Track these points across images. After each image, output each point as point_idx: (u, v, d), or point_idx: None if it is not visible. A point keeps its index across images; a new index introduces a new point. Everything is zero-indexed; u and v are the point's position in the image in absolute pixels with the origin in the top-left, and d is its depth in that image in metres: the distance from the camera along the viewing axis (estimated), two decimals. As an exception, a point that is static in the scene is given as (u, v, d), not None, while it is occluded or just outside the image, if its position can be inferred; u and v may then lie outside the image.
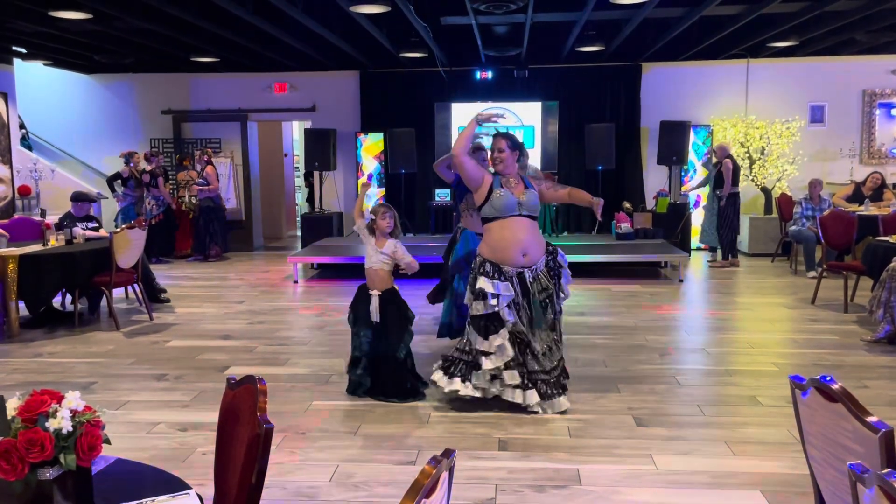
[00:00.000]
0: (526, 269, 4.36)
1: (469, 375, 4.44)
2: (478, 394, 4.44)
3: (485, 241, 4.45)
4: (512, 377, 4.35)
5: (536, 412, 4.38)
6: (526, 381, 4.38)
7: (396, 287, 4.80)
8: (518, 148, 4.52)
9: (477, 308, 4.33)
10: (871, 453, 1.82)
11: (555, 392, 4.42)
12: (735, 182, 9.63)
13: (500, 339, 4.31)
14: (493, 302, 4.27)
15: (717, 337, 6.27)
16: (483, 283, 4.31)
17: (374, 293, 4.69)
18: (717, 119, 11.25)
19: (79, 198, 7.56)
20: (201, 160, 10.87)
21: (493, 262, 4.36)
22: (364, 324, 4.71)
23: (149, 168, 10.64)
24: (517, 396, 4.37)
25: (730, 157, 9.69)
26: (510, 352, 4.31)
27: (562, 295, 4.51)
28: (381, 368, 4.73)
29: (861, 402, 1.93)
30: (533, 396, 4.36)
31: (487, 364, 4.34)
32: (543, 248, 4.46)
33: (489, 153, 5.72)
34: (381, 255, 4.70)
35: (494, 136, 4.54)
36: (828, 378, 2.05)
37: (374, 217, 4.71)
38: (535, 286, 4.36)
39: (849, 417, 1.92)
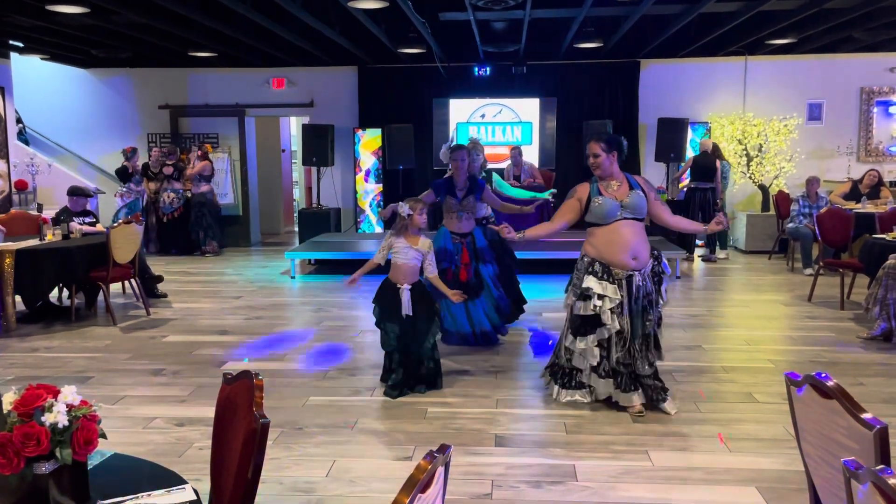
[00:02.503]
0: (636, 273, 4.21)
1: (568, 382, 4.46)
2: (582, 398, 4.44)
3: (590, 243, 4.32)
4: (599, 384, 4.33)
5: (642, 413, 4.29)
6: (627, 384, 4.32)
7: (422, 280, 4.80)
8: (616, 148, 4.32)
9: (579, 307, 4.24)
10: (865, 450, 1.82)
11: (659, 396, 4.36)
12: (699, 177, 9.87)
13: (586, 343, 4.24)
14: (599, 303, 4.16)
15: (713, 333, 6.27)
16: (591, 283, 4.18)
17: (405, 287, 4.65)
18: (715, 116, 11.25)
19: (75, 192, 7.54)
20: (203, 155, 10.87)
21: (604, 263, 4.23)
22: (390, 318, 4.67)
23: (170, 162, 10.70)
24: (621, 399, 4.33)
25: (704, 153, 9.92)
26: (594, 359, 4.26)
27: (661, 301, 4.32)
28: (408, 362, 4.73)
29: (856, 399, 1.93)
30: (635, 398, 4.30)
31: (579, 362, 4.37)
32: (649, 252, 4.30)
33: (463, 156, 5.70)
34: (416, 251, 4.67)
35: (588, 143, 4.39)
36: (823, 375, 2.06)
37: (412, 213, 4.64)
38: (641, 290, 4.21)
39: (844, 414, 1.92)
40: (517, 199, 6.64)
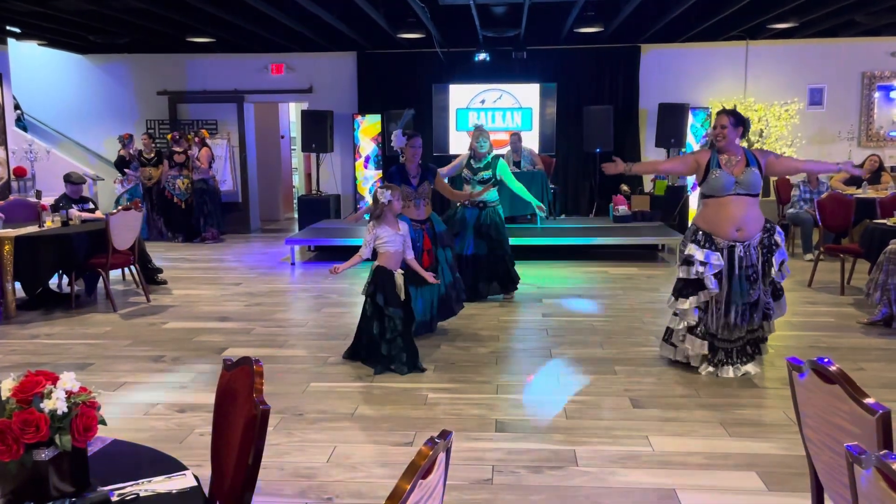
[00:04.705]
0: (738, 244, 4.51)
1: (671, 340, 4.86)
2: (674, 355, 4.83)
3: (701, 214, 4.67)
4: (694, 344, 4.65)
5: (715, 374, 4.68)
6: (711, 348, 4.66)
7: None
8: (742, 124, 4.60)
9: (681, 271, 4.63)
10: (867, 435, 1.82)
11: (731, 360, 4.67)
12: None
13: (688, 304, 4.60)
14: (701, 269, 4.51)
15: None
16: (693, 250, 4.57)
17: (399, 272, 4.74)
18: (716, 101, 11.20)
19: (69, 179, 7.52)
20: (197, 143, 10.81)
21: (707, 232, 4.58)
22: (394, 304, 4.73)
23: (179, 149, 10.66)
24: (702, 363, 4.69)
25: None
26: (692, 319, 4.61)
27: (774, 272, 4.58)
28: (409, 342, 4.84)
29: (858, 384, 1.93)
30: (730, 371, 4.66)
31: (673, 323, 4.78)
32: (760, 225, 4.57)
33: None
34: (401, 236, 4.76)
35: (718, 113, 4.65)
36: (825, 360, 2.05)
37: (392, 199, 4.67)
38: (744, 261, 4.51)
39: (846, 399, 1.92)
40: (517, 195, 6.98)
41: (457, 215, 6.66)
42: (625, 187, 10.82)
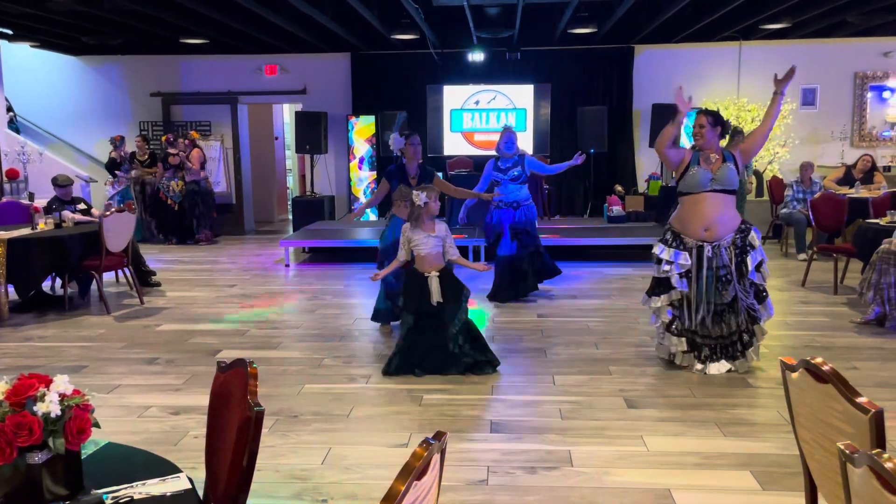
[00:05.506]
0: (706, 244, 4.58)
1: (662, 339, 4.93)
2: (660, 353, 4.96)
3: (676, 213, 4.78)
4: (672, 341, 4.73)
5: (703, 371, 4.72)
6: (693, 346, 4.73)
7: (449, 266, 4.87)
8: (720, 124, 4.71)
9: (654, 270, 4.75)
10: (861, 434, 1.82)
11: (716, 356, 4.72)
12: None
13: (660, 302, 4.71)
14: (667, 268, 4.63)
15: (708, 319, 6.27)
16: (657, 250, 4.71)
17: (433, 274, 4.69)
18: (710, 101, 11.21)
19: (55, 182, 7.49)
20: (188, 144, 10.77)
21: (677, 232, 4.69)
22: (409, 308, 4.73)
23: (173, 151, 10.59)
24: (684, 360, 4.76)
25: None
26: (666, 317, 4.71)
27: (749, 272, 4.57)
28: (429, 347, 4.74)
29: (851, 383, 1.93)
30: (711, 368, 4.71)
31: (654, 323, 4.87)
32: (733, 226, 4.62)
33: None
34: (435, 238, 4.73)
35: (697, 113, 4.76)
36: (818, 359, 2.06)
37: (428, 201, 4.67)
38: (714, 261, 4.57)
39: (839, 398, 1.92)
40: (553, 174, 7.55)
41: (493, 220, 6.80)
42: (619, 188, 10.84)
